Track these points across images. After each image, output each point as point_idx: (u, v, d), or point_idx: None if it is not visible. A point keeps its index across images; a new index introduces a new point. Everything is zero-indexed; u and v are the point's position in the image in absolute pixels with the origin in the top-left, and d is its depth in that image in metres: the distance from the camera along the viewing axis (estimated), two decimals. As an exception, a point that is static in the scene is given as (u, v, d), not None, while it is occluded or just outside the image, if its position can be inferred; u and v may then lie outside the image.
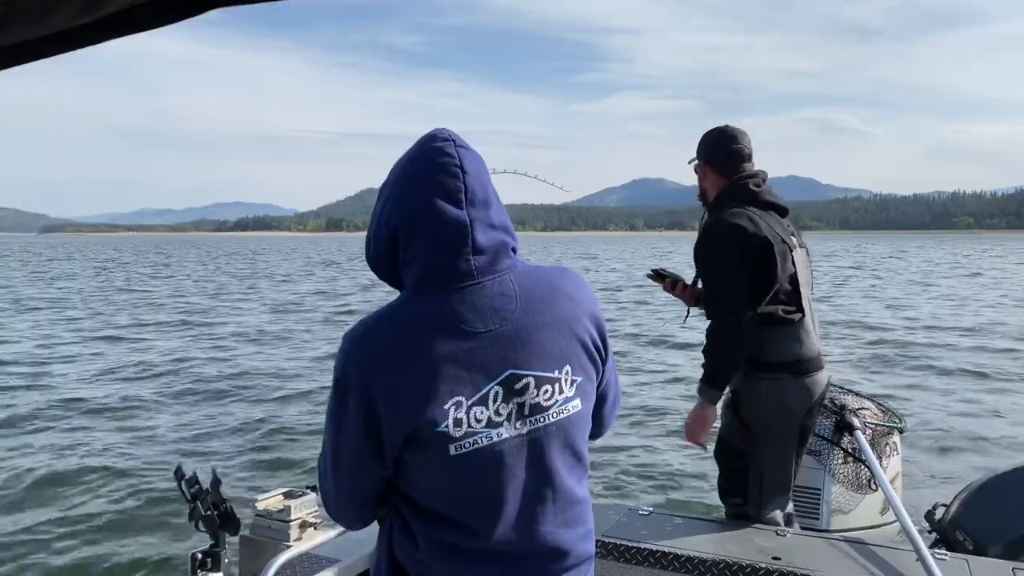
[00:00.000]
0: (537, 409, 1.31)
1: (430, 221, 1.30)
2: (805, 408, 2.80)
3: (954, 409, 9.30)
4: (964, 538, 2.96)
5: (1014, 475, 3.09)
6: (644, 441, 7.91)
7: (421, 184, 1.32)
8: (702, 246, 2.83)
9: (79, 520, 5.92)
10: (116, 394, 10.39)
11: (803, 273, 2.84)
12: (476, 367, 1.28)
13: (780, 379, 2.77)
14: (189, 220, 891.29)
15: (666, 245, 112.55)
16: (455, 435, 1.27)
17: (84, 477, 6.83)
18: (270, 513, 2.62)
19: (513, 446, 1.30)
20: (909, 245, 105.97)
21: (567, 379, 1.34)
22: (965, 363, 12.34)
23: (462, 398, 1.27)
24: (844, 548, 2.63)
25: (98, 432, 8.42)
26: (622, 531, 2.73)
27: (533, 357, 1.31)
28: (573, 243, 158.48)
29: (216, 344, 15.34)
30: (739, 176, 2.89)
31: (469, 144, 1.37)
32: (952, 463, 7.04)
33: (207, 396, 10.38)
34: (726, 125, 3.00)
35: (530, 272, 1.38)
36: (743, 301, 2.69)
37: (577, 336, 1.36)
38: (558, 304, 1.36)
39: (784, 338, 2.77)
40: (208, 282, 35.26)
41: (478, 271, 1.30)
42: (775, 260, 2.70)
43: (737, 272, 2.71)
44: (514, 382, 1.30)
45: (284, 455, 7.61)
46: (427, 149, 1.34)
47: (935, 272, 40.52)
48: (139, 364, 12.76)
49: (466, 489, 1.31)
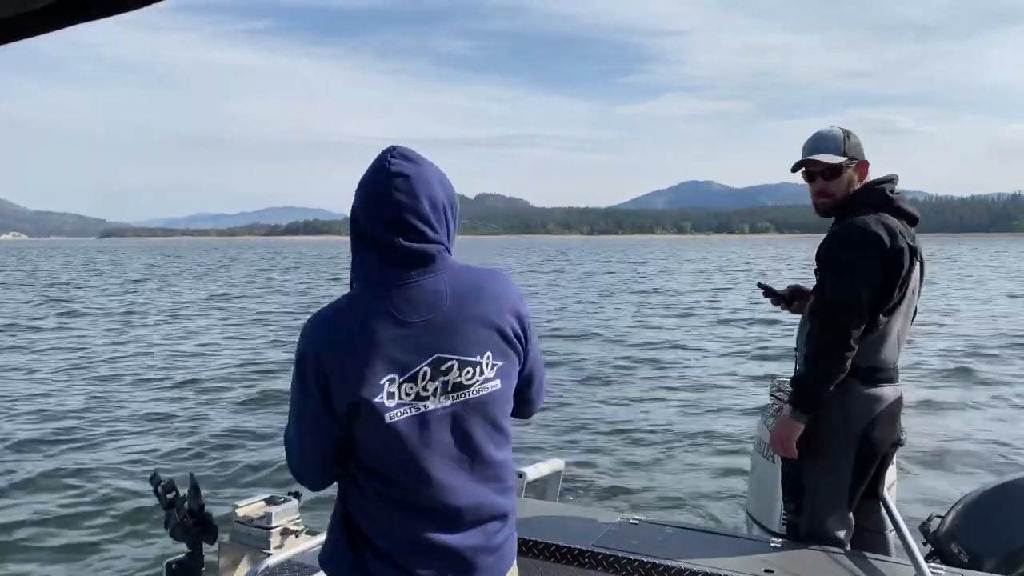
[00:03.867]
0: (459, 387, 1.59)
1: (370, 240, 1.62)
2: (867, 419, 2.66)
3: (947, 418, 9.15)
4: (959, 551, 2.88)
5: (1009, 487, 3.03)
6: (639, 453, 7.84)
7: (363, 206, 1.63)
8: (835, 248, 2.71)
9: (48, 528, 5.80)
10: (90, 395, 10.52)
11: (911, 283, 2.74)
12: (409, 350, 1.57)
13: (847, 384, 2.65)
14: (242, 224, 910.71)
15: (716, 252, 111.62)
16: (388, 405, 1.55)
17: (54, 483, 6.78)
18: (250, 520, 2.59)
19: (438, 417, 1.59)
20: (960, 248, 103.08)
21: (488, 363, 1.62)
22: (951, 364, 12.33)
23: (395, 375, 1.56)
24: (840, 560, 2.55)
25: (73, 436, 8.40)
26: (611, 541, 2.67)
27: (458, 343, 1.59)
28: (614, 247, 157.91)
29: (199, 344, 15.54)
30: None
31: (418, 158, 1.64)
32: (947, 474, 6.90)
33: (187, 399, 10.42)
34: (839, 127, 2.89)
35: (463, 272, 1.66)
36: (863, 313, 2.60)
37: (499, 327, 1.63)
38: (483, 300, 1.63)
39: (863, 344, 2.64)
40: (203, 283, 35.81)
41: (414, 273, 1.60)
42: (905, 273, 2.63)
43: (870, 281, 2.61)
44: (440, 364, 1.58)
45: (265, 460, 7.55)
46: (371, 171, 1.64)
47: (965, 273, 39.47)
48: (114, 363, 12.97)
49: (399, 451, 1.58)
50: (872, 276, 2.61)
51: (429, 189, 1.64)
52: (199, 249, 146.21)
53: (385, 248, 1.60)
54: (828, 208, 2.84)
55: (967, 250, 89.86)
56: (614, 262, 67.76)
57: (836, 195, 2.81)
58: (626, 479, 6.97)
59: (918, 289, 2.81)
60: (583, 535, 2.70)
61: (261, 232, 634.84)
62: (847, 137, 2.82)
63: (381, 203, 1.61)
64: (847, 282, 2.63)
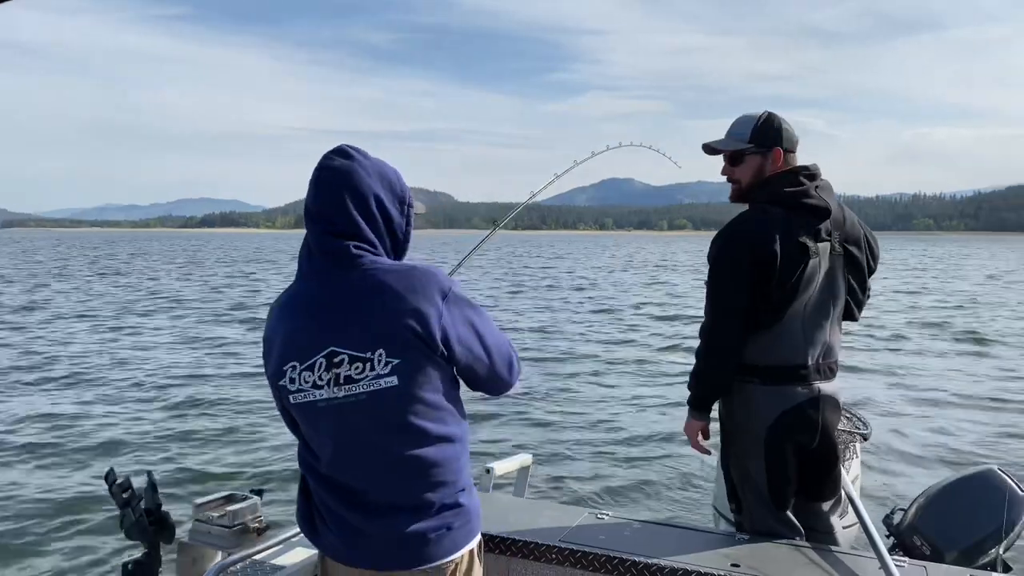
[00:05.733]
0: (349, 380, 1.67)
1: (307, 231, 1.76)
2: (771, 418, 2.61)
3: (905, 411, 9.46)
4: (921, 543, 2.97)
5: (968, 482, 3.12)
6: (607, 448, 7.89)
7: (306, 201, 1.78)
8: (709, 257, 2.64)
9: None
10: (45, 391, 10.12)
11: (813, 279, 2.60)
12: (310, 341, 1.70)
13: (748, 383, 2.64)
14: (155, 216, 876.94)
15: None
16: (291, 389, 1.72)
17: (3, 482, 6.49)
18: (210, 518, 2.49)
19: (332, 405, 1.69)
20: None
21: (380, 360, 1.66)
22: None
23: (296, 363, 1.70)
24: (806, 553, 2.57)
25: (24, 434, 8.08)
26: (579, 536, 2.65)
27: (352, 339, 1.67)
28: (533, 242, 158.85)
29: (150, 340, 15.05)
30: (786, 169, 2.68)
31: (356, 154, 1.75)
32: (909, 468, 7.11)
33: (141, 396, 10.09)
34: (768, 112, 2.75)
35: (375, 270, 1.70)
36: (736, 327, 2.57)
37: (394, 326, 1.66)
38: (384, 298, 1.67)
39: (757, 343, 2.61)
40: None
41: (324, 269, 1.72)
42: (782, 269, 2.53)
43: (738, 285, 2.55)
44: (333, 356, 1.68)
45: (225, 457, 7.39)
46: (314, 170, 1.77)
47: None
48: (70, 361, 12.44)
49: (306, 429, 1.77)
50: (739, 280, 2.55)
51: (358, 185, 1.72)
52: (113, 241, 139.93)
53: (311, 240, 1.74)
54: (735, 194, 2.77)
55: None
56: (562, 256, 68.07)
57: (742, 181, 2.73)
58: (594, 474, 6.98)
59: (840, 284, 2.68)
60: (551, 531, 2.67)
61: (175, 224, 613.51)
62: (764, 122, 2.70)
63: (309, 197, 1.75)
64: (716, 300, 2.62)
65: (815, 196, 2.62)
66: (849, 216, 2.74)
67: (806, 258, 2.58)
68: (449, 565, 1.77)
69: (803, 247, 2.57)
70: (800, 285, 2.58)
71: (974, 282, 34.98)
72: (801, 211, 2.61)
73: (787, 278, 2.55)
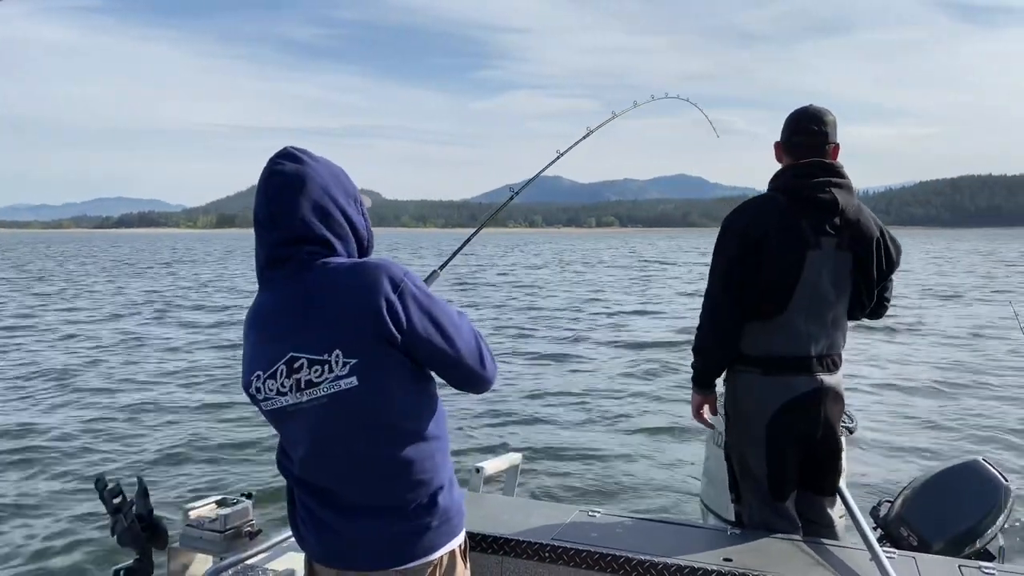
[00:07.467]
0: (310, 384, 1.65)
1: (257, 239, 1.73)
2: (774, 407, 2.67)
3: (888, 405, 9.58)
4: (908, 534, 3.00)
5: (954, 472, 3.16)
6: (596, 445, 7.93)
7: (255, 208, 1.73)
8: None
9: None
10: (27, 398, 9.73)
11: (814, 272, 2.65)
12: (270, 349, 1.69)
13: (750, 373, 2.72)
14: (69, 216, 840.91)
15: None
16: (260, 397, 1.72)
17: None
18: (202, 523, 2.44)
19: (299, 411, 1.68)
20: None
21: (337, 361, 1.63)
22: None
23: (261, 372, 1.70)
24: (796, 546, 2.61)
25: (12, 443, 7.77)
26: (570, 534, 2.65)
27: (308, 342, 1.64)
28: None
29: (141, 346, 14.60)
30: (791, 164, 2.78)
31: (305, 157, 1.72)
32: (893, 460, 7.22)
33: (132, 401, 9.81)
34: (809, 104, 2.82)
35: (325, 271, 1.68)
36: (728, 302, 2.67)
37: (348, 325, 1.63)
38: (336, 298, 1.64)
39: (759, 333, 2.69)
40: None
41: (280, 274, 1.70)
42: (773, 259, 2.63)
43: (730, 266, 2.67)
44: (293, 362, 1.66)
45: (218, 463, 7.24)
46: (262, 176, 1.73)
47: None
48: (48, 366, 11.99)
49: (280, 434, 1.78)
50: (731, 257, 2.67)
51: (312, 190, 1.69)
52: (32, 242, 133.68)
53: (262, 250, 1.73)
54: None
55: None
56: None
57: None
58: (584, 472, 6.98)
59: (844, 281, 2.72)
60: (543, 529, 2.67)
61: (90, 224, 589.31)
62: (791, 118, 2.82)
63: (257, 204, 1.72)
64: (712, 276, 2.74)
65: (822, 190, 2.68)
66: (866, 217, 2.76)
67: (803, 248, 2.65)
68: (427, 566, 1.72)
69: (800, 236, 2.64)
70: (797, 273, 2.64)
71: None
72: (805, 202, 2.68)
73: (779, 262, 2.63)
